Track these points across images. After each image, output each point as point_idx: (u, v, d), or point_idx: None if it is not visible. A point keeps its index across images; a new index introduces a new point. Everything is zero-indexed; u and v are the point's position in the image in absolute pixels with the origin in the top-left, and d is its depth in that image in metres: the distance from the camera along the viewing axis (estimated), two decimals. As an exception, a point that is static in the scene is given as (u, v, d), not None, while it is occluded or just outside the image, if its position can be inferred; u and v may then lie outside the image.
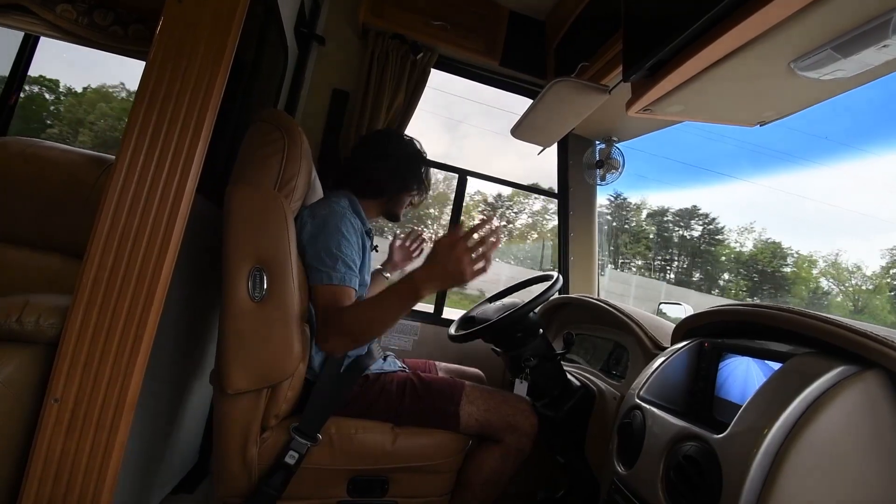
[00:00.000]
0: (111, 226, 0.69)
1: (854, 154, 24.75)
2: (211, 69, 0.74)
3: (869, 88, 0.96)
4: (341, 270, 0.97)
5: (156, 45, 0.73)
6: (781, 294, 22.58)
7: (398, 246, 1.48)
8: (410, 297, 0.91)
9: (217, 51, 0.75)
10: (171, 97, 0.72)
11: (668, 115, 1.16)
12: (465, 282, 0.88)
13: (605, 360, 1.32)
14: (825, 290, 22.59)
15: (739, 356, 0.83)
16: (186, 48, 0.74)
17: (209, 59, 0.74)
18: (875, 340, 0.61)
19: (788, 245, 29.56)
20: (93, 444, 0.67)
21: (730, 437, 0.66)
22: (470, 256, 0.87)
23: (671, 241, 24.92)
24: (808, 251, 29.96)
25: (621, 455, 0.88)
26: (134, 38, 1.63)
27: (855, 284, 22.31)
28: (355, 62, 1.71)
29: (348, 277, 0.98)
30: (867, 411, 0.61)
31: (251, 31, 1.21)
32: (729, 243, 24.70)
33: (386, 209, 1.22)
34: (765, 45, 0.86)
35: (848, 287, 22.28)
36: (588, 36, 1.44)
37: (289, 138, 0.95)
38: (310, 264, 0.98)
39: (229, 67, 0.77)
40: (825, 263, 23.32)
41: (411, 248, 1.49)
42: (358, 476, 0.98)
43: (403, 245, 1.49)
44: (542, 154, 1.73)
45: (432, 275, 0.89)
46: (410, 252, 1.49)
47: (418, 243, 1.49)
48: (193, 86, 0.73)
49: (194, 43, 0.74)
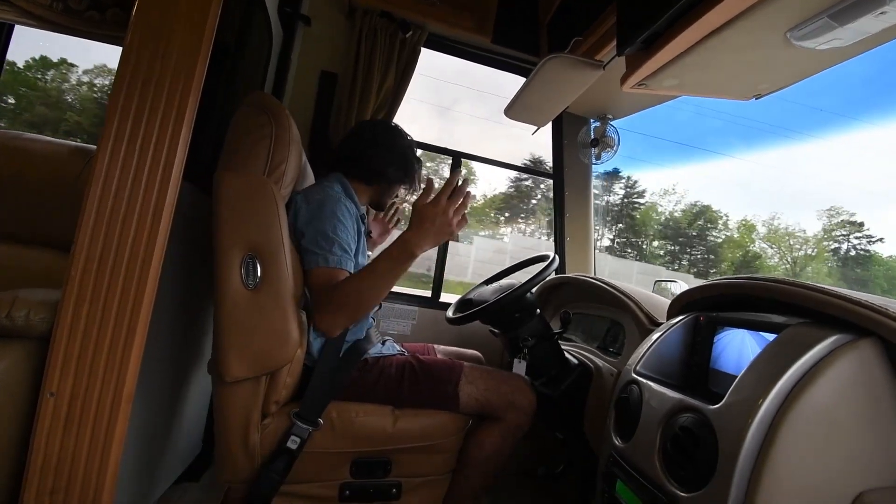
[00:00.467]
0: (97, 216, 0.68)
1: (846, 125, 24.42)
2: (191, 51, 0.72)
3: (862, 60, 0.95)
4: (337, 253, 0.96)
5: (132, 28, 0.71)
6: (708, 260, 21.55)
7: (373, 220, 1.48)
8: (405, 259, 0.93)
9: (196, 31, 0.72)
10: (150, 82, 0.70)
11: (663, 90, 1.14)
12: (453, 234, 0.93)
13: (602, 337, 1.33)
14: (759, 254, 21.46)
15: (735, 329, 0.84)
16: (164, 30, 0.71)
17: (188, 41, 0.72)
18: (870, 309, 0.62)
19: (720, 209, 27.71)
20: (92, 436, 0.67)
21: (725, 408, 0.67)
22: (451, 211, 0.92)
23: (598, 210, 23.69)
24: (749, 215, 28.14)
25: (619, 429, 0.90)
26: (112, 22, 1.57)
27: (793, 247, 21.32)
28: (343, 42, 1.67)
29: (344, 260, 0.97)
30: (861, 379, 0.61)
31: (232, 11, 1.17)
32: (656, 207, 23.29)
33: (377, 197, 1.22)
34: (760, 14, 0.84)
35: (784, 250, 21.37)
36: (581, 10, 1.41)
37: (276, 123, 0.93)
38: (306, 248, 0.97)
39: (210, 49, 0.74)
40: (766, 228, 22.08)
41: (386, 220, 1.50)
42: (360, 458, 0.99)
43: (378, 218, 1.49)
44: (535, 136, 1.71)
45: (422, 233, 0.92)
46: (388, 224, 1.50)
47: (392, 213, 1.50)
48: (173, 69, 0.71)
49: (172, 24, 0.71)
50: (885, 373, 0.62)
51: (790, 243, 21.28)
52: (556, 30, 1.59)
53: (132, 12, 0.71)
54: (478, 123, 29.93)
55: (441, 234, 0.93)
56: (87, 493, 0.67)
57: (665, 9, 0.90)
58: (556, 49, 1.49)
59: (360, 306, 0.95)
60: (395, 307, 1.68)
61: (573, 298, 1.55)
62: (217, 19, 0.75)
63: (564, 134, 1.88)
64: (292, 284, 0.91)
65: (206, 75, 0.74)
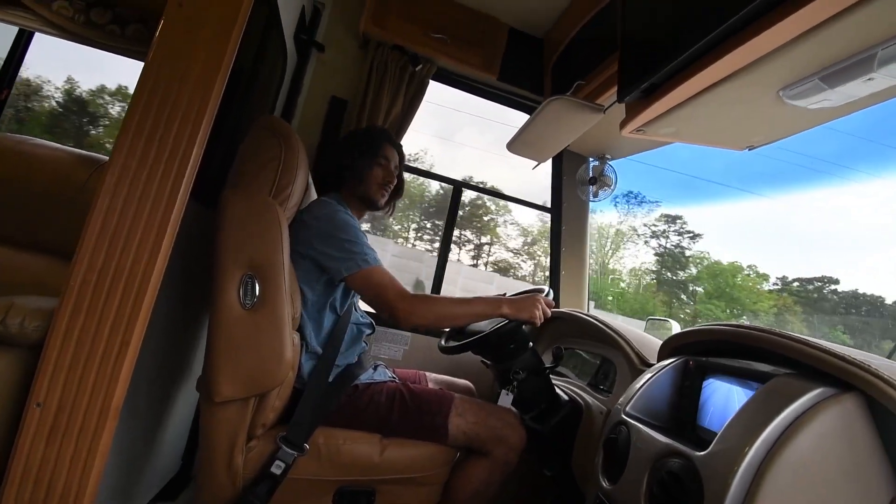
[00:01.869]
0: (102, 228, 0.69)
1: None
2: (210, 73, 0.74)
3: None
4: (370, 253, 1.03)
5: (155, 48, 0.73)
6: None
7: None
8: (493, 309, 1.11)
9: (217, 55, 0.74)
10: (168, 100, 0.72)
11: (660, 137, 1.18)
12: (534, 318, 1.10)
13: (593, 374, 1.33)
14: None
15: (723, 375, 0.85)
16: (185, 52, 0.74)
17: (208, 63, 0.74)
18: (853, 364, 0.63)
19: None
20: (75, 451, 0.66)
21: (711, 455, 0.67)
22: (542, 306, 1.12)
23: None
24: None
25: (606, 469, 0.89)
26: (132, 37, 1.62)
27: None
28: (354, 71, 1.72)
29: (377, 257, 1.05)
30: (844, 433, 0.62)
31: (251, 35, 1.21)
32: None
33: (362, 195, 1.22)
34: (755, 73, 0.89)
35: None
36: (585, 55, 1.47)
37: (286, 146, 0.95)
38: (336, 256, 1.01)
39: (228, 72, 0.77)
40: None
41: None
42: (345, 487, 0.98)
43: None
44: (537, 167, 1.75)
45: (513, 301, 1.11)
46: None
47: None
48: (192, 90, 0.73)
49: (194, 47, 0.74)
50: (867, 427, 0.63)
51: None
52: (560, 72, 1.66)
53: (156, 31, 0.74)
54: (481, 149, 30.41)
55: (526, 312, 1.10)
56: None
57: (665, 62, 0.94)
58: (560, 90, 1.54)
59: (445, 320, 1.11)
60: (388, 332, 1.68)
61: (566, 334, 1.56)
62: (238, 44, 0.77)
63: (564, 171, 1.93)
64: (289, 306, 0.91)
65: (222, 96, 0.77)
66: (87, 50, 1.68)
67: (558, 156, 1.89)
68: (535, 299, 1.12)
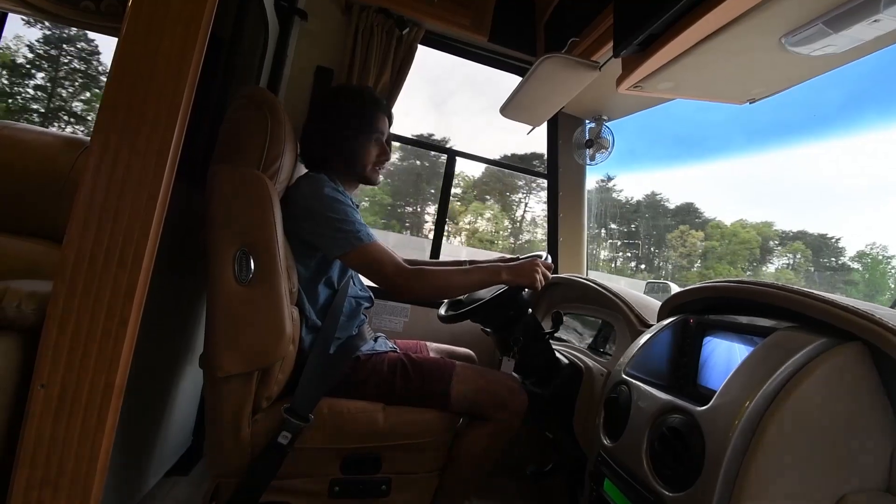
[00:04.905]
0: (89, 208, 0.67)
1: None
2: (186, 45, 0.71)
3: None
4: (363, 230, 1.01)
5: (127, 21, 0.70)
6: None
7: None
8: (492, 276, 1.09)
9: (192, 25, 0.71)
10: (144, 75, 0.70)
11: (658, 92, 1.15)
12: (534, 284, 1.09)
13: (593, 338, 1.34)
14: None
15: (724, 331, 0.85)
16: (159, 23, 0.70)
17: (184, 34, 0.71)
18: (855, 314, 0.63)
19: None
20: (82, 428, 0.67)
21: (712, 410, 0.68)
22: (541, 270, 1.11)
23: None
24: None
25: (608, 428, 0.91)
26: (107, 13, 1.56)
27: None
28: (339, 38, 1.66)
29: (370, 233, 1.03)
30: (846, 383, 0.62)
31: (228, 4, 1.16)
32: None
33: (355, 173, 1.16)
34: (756, 19, 0.85)
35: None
36: (578, 11, 1.42)
37: (272, 117, 0.92)
38: (328, 236, 0.99)
39: (205, 43, 0.74)
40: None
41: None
42: (351, 454, 1.00)
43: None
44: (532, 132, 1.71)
45: (515, 268, 1.10)
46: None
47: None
48: (167, 63, 0.70)
49: (168, 17, 0.71)
50: (870, 377, 0.63)
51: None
52: (553, 30, 1.60)
53: (128, 4, 0.70)
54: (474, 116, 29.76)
55: (527, 275, 1.09)
56: (76, 485, 0.67)
57: (661, 12, 0.90)
58: (553, 49, 1.49)
59: (444, 292, 1.09)
60: (387, 304, 1.68)
61: (565, 299, 1.56)
62: (213, 12, 0.74)
63: (560, 134, 1.89)
64: (285, 280, 0.90)
65: (201, 68, 0.74)
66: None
67: (553, 119, 1.85)
68: (533, 263, 1.11)
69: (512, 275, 1.08)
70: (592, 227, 1.95)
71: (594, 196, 2.02)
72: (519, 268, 1.09)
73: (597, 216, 2.45)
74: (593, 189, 1.97)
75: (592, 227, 1.90)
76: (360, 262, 1.01)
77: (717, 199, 33.78)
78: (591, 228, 1.91)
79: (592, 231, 1.87)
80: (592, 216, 1.99)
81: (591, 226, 1.95)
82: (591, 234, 1.87)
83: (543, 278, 1.11)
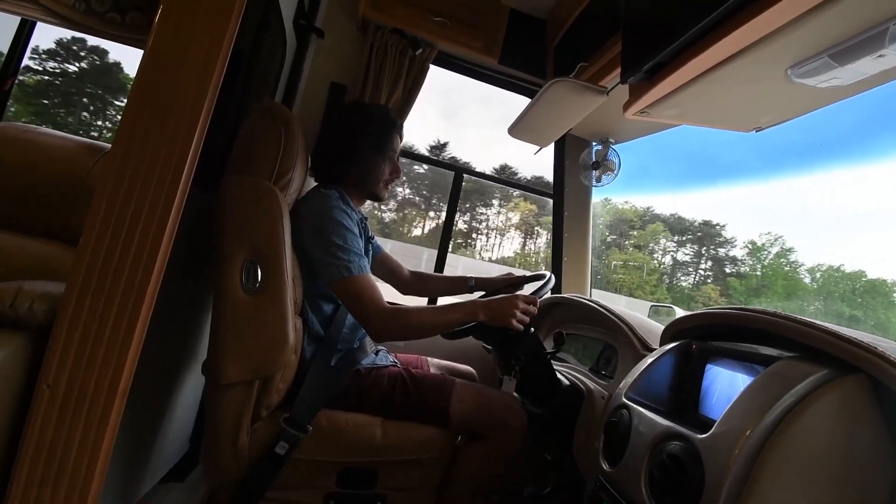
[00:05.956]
0: (106, 214, 0.69)
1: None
2: (209, 59, 0.73)
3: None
4: (355, 261, 0.99)
5: (154, 34, 0.73)
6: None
7: (503, 283, 1.44)
8: (468, 315, 1.04)
9: (216, 41, 0.74)
10: (168, 86, 0.72)
11: (664, 119, 1.17)
12: (507, 323, 1.03)
13: (594, 359, 1.33)
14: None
15: (726, 358, 0.84)
16: (184, 37, 0.73)
17: (208, 49, 0.74)
18: (857, 346, 0.63)
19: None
20: (84, 430, 0.68)
21: (713, 438, 0.67)
22: (519, 310, 1.04)
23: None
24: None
25: (607, 453, 0.90)
26: (132, 25, 1.62)
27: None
28: (354, 56, 1.71)
29: (363, 266, 1.01)
30: (847, 415, 0.62)
31: (250, 21, 1.20)
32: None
33: (366, 189, 1.18)
34: (762, 50, 0.87)
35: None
36: (588, 36, 1.45)
37: (286, 131, 0.95)
38: (321, 259, 0.98)
39: (227, 58, 0.76)
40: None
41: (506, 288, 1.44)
42: (347, 468, 0.99)
43: (506, 283, 1.44)
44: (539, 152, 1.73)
45: (493, 307, 1.04)
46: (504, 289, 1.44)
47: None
48: (191, 75, 0.73)
49: (193, 32, 0.73)
50: (871, 409, 0.62)
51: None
52: (563, 54, 1.63)
53: (155, 18, 0.73)
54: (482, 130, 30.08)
55: (504, 317, 1.03)
56: (74, 486, 0.67)
57: (669, 41, 0.92)
58: (562, 73, 1.52)
59: (418, 333, 1.03)
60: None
61: (568, 319, 1.56)
62: (236, 30, 0.77)
63: (566, 155, 1.91)
64: (291, 290, 0.92)
65: (222, 82, 0.77)
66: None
67: (560, 140, 1.87)
68: (511, 302, 1.04)
69: (488, 315, 1.04)
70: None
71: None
72: (497, 307, 1.04)
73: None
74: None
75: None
76: (344, 293, 0.99)
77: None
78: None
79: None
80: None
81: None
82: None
83: (525, 313, 1.05)
